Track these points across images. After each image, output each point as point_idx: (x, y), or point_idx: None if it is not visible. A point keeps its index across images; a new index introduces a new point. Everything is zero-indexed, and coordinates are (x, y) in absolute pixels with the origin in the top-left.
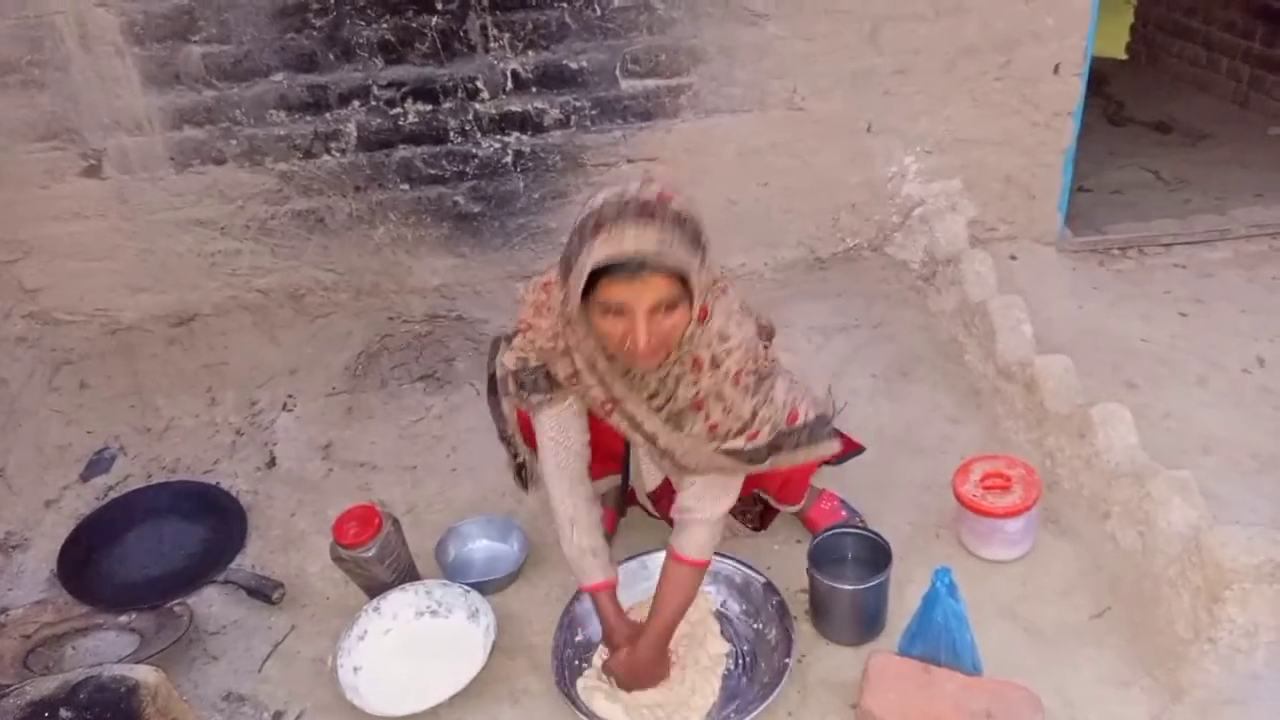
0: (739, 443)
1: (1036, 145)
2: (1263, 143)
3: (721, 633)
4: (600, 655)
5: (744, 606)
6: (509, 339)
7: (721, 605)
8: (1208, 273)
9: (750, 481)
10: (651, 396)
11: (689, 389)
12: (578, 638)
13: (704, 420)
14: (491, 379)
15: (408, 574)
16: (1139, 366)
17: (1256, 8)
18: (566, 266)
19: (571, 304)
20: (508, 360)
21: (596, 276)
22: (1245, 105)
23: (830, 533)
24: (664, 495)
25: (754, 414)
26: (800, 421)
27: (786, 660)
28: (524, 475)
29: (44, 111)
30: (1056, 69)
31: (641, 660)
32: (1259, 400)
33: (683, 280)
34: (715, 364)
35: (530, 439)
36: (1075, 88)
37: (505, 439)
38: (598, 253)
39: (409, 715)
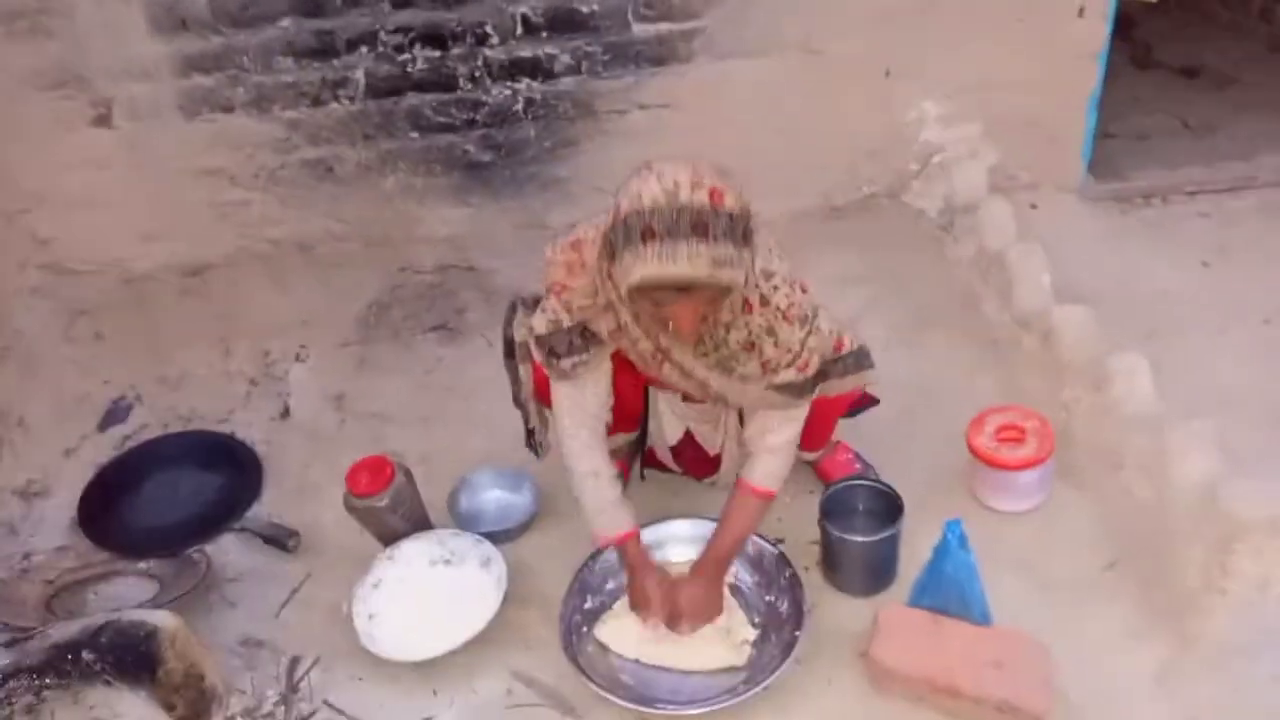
0: (790, 375)
1: (1059, 89)
2: None
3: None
4: (623, 603)
5: (756, 578)
6: (526, 302)
7: (734, 577)
8: (1233, 222)
9: None
10: (698, 344)
11: (740, 332)
12: (587, 604)
13: (757, 358)
14: (508, 342)
15: (421, 523)
16: (1159, 316)
17: None
18: (611, 249)
19: (619, 291)
20: (536, 324)
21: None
22: (1277, 50)
23: (842, 485)
24: (685, 448)
25: (803, 344)
26: (846, 349)
27: (797, 633)
28: (534, 441)
29: (52, 60)
30: (1081, 11)
31: (702, 590)
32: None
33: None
34: (764, 302)
35: (545, 400)
36: (1100, 30)
37: (519, 404)
38: (650, 267)
39: (424, 660)
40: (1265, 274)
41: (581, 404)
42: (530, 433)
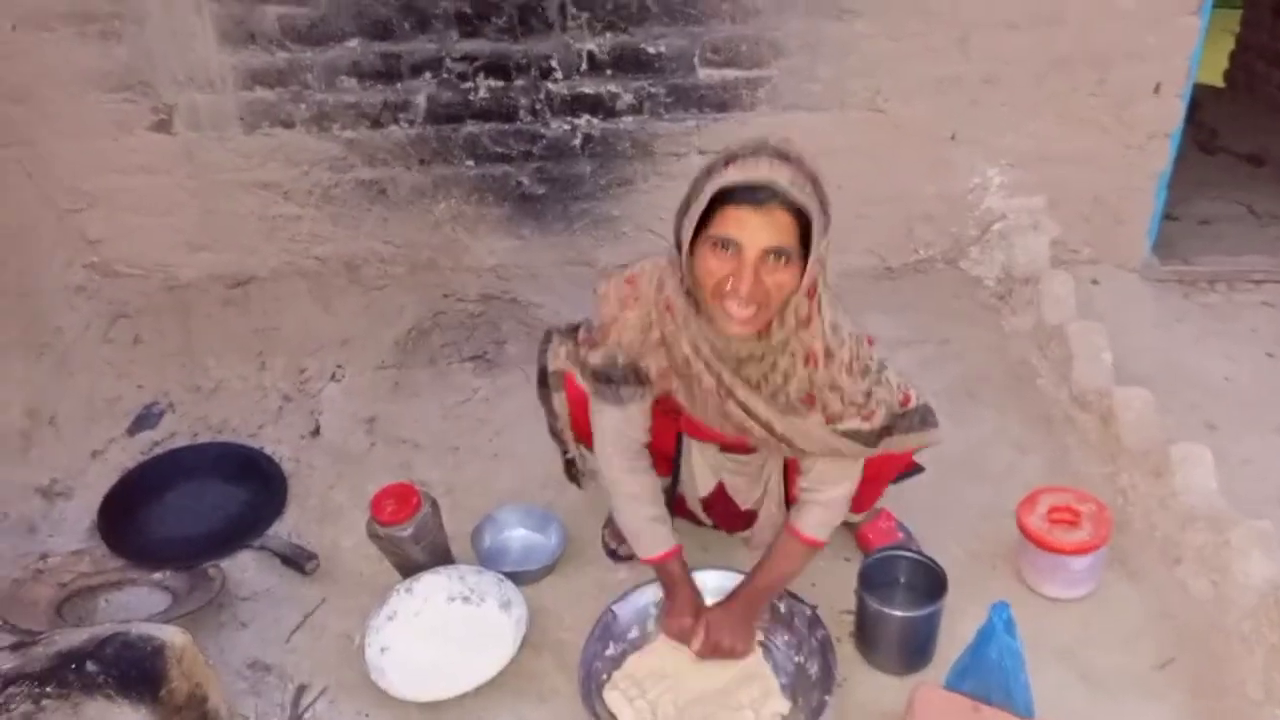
0: (855, 423)
1: (1128, 167)
2: None
3: (782, 688)
4: (634, 660)
5: (787, 637)
6: (562, 332)
7: (765, 635)
8: None
9: None
10: (755, 388)
11: (801, 384)
12: (609, 651)
13: (819, 412)
14: (542, 372)
15: (442, 557)
16: (1219, 406)
17: None
18: (682, 212)
19: (684, 236)
20: (592, 358)
21: (715, 205)
22: None
23: (884, 554)
24: (716, 501)
25: (868, 395)
26: (913, 404)
27: (826, 698)
28: (574, 471)
29: (119, 63)
30: (1157, 88)
31: (733, 620)
32: None
33: (803, 230)
34: (829, 355)
35: (581, 432)
36: (1175, 109)
37: (555, 434)
38: (729, 176)
39: (433, 702)
40: None
41: (626, 429)
42: (569, 463)
